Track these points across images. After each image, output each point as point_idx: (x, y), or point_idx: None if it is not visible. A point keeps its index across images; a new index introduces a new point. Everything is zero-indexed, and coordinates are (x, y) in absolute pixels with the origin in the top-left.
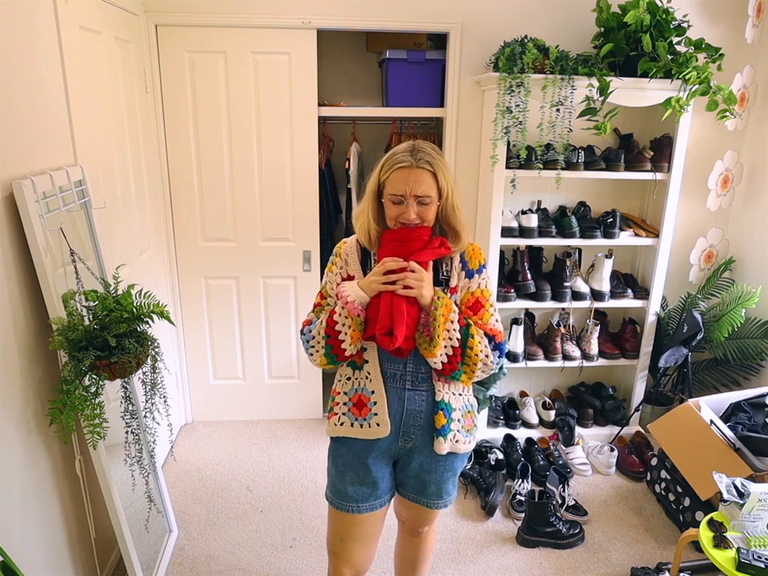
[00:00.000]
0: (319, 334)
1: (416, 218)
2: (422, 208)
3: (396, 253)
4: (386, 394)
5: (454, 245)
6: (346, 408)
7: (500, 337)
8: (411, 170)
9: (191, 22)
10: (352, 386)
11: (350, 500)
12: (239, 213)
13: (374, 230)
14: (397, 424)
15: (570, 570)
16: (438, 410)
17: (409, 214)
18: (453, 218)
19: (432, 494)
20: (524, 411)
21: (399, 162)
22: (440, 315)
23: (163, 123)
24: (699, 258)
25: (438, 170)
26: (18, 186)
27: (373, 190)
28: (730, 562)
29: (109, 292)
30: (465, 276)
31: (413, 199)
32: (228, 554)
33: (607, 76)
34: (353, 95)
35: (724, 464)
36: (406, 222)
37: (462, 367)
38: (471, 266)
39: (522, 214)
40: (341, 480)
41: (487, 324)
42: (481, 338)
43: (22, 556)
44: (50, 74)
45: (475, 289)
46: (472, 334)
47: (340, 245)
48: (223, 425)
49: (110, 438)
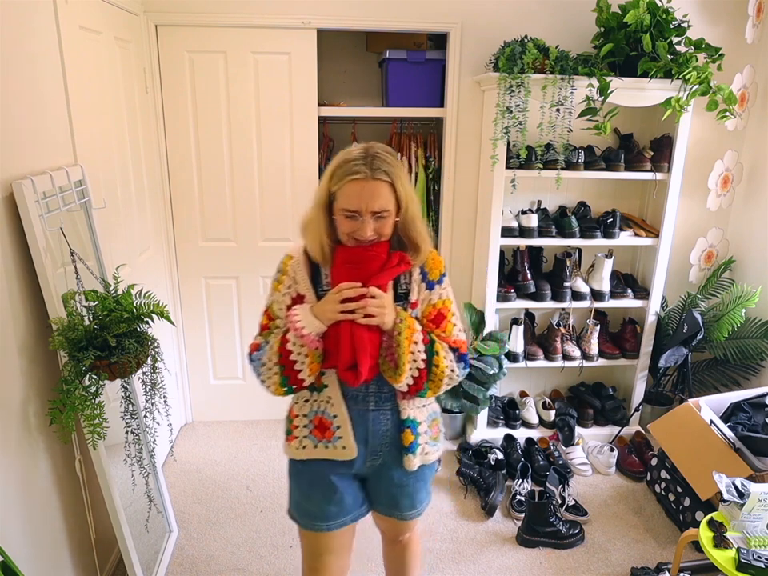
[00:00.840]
0: (271, 361)
1: (373, 235)
2: (380, 223)
3: (352, 276)
4: (349, 416)
5: (413, 258)
6: (306, 431)
7: (464, 347)
8: (366, 183)
9: (191, 22)
10: (311, 409)
11: (318, 519)
12: (239, 213)
13: (326, 245)
14: (363, 445)
15: (570, 569)
16: (404, 427)
17: (365, 230)
18: (412, 230)
19: (405, 506)
20: (524, 411)
21: (353, 173)
22: (404, 339)
23: (163, 123)
24: (699, 258)
25: (397, 179)
26: (18, 185)
27: (322, 200)
28: (730, 562)
29: (109, 292)
30: (425, 288)
31: (369, 215)
32: (228, 554)
33: (607, 76)
34: (353, 95)
35: (724, 464)
36: (361, 239)
37: (428, 385)
38: (432, 278)
39: (521, 213)
40: (307, 500)
41: (451, 336)
42: (446, 353)
43: (22, 556)
44: (50, 74)
45: (437, 300)
46: (437, 350)
47: (285, 260)
48: (223, 425)
49: (110, 438)
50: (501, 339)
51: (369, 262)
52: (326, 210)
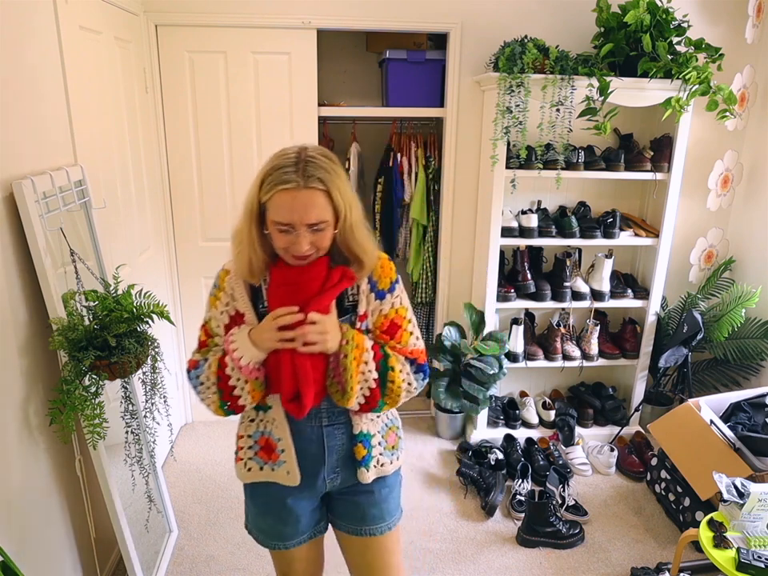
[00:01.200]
0: (209, 380)
1: (310, 249)
2: (317, 236)
3: (289, 299)
4: (295, 438)
5: (357, 271)
6: (252, 452)
7: (422, 357)
8: (299, 192)
9: (191, 22)
10: (257, 429)
11: (274, 539)
12: (239, 213)
13: (257, 260)
14: (319, 465)
15: (570, 569)
16: (356, 442)
17: (300, 245)
18: (352, 241)
19: (374, 517)
20: (524, 411)
21: (283, 183)
22: (351, 362)
23: (163, 123)
24: (699, 258)
25: (333, 186)
26: (18, 185)
27: (253, 211)
28: (730, 562)
29: (109, 292)
30: (375, 298)
31: (304, 228)
32: (228, 554)
33: (607, 76)
34: (353, 95)
35: (724, 464)
36: (297, 254)
37: (383, 400)
38: (381, 287)
39: (521, 213)
40: (263, 520)
41: (407, 346)
42: (402, 366)
43: (22, 556)
44: (50, 73)
45: (389, 310)
46: (392, 366)
47: (222, 275)
48: (223, 425)
49: (110, 438)
50: (501, 339)
51: (306, 284)
52: (257, 221)
